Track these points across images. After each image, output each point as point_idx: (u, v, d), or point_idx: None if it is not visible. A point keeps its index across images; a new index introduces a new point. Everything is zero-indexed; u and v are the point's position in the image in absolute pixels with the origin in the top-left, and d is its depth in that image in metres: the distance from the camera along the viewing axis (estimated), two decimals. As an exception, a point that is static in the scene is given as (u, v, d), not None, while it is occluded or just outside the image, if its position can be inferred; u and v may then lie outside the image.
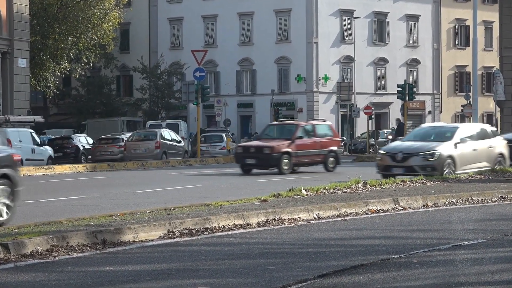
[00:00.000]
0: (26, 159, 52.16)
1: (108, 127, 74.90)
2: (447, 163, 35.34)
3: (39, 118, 68.03)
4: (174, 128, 72.28)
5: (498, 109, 70.80)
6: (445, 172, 34.75)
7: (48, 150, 58.02)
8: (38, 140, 59.46)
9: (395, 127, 76.17)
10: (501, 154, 38.60)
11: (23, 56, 63.08)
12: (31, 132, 58.98)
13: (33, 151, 55.14)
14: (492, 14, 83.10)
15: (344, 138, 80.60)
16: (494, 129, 41.10)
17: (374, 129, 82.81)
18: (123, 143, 63.45)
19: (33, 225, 18.99)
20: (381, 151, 37.77)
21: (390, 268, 14.56)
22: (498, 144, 38.80)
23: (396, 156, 35.45)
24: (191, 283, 13.22)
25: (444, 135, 38.29)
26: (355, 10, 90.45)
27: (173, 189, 32.73)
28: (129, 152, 62.25)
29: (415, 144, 37.00)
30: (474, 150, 37.41)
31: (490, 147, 37.82)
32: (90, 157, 61.29)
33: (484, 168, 36.01)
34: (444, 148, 36.01)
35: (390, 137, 75.18)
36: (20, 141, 56.00)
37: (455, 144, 36.63)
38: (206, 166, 58.55)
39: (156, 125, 72.61)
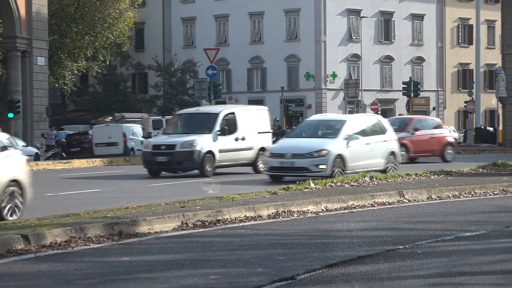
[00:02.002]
0: (138, 149, 58.50)
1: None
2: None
3: (146, 116, 74.56)
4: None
5: (500, 105, 70.65)
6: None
7: None
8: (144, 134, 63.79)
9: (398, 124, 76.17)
10: (393, 152, 34.60)
11: (42, 54, 63.12)
12: (141, 127, 65.25)
13: (142, 142, 57.22)
14: (494, 13, 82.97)
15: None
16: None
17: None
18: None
19: (52, 217, 19.04)
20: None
21: (396, 259, 14.58)
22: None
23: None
24: (204, 272, 13.24)
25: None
26: (362, 9, 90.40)
27: (184, 182, 32.77)
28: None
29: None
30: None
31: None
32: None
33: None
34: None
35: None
36: (133, 134, 62.22)
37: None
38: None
39: (157, 121, 72.43)
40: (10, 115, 59.38)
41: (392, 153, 33.64)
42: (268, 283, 12.20)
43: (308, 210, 22.03)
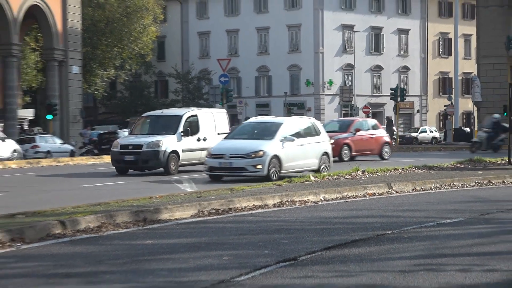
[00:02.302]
0: None
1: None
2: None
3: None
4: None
5: (475, 108, 70.57)
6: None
7: None
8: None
9: (385, 125, 76.16)
10: (326, 152, 32.07)
11: (76, 64, 63.18)
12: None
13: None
14: (470, 28, 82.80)
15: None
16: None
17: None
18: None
19: (86, 206, 19.09)
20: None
21: (385, 242, 14.58)
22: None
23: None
24: (217, 254, 13.27)
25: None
26: (355, 25, 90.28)
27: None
28: None
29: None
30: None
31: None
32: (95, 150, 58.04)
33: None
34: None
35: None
36: None
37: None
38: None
39: None
40: (49, 116, 59.50)
41: (325, 153, 31.64)
42: (274, 263, 12.22)
43: (309, 200, 22.04)
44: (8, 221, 16.25)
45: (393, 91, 68.30)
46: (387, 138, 44.24)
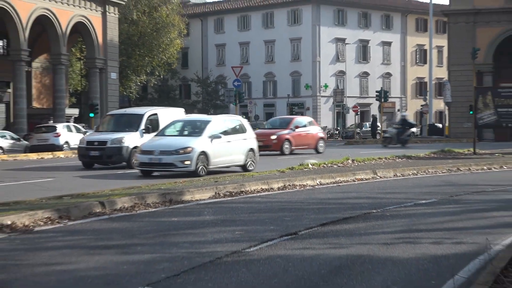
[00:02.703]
0: None
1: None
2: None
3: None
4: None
5: (446, 108, 70.41)
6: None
7: None
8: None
9: (371, 122, 76.07)
10: (252, 148, 28.57)
11: (114, 71, 63.21)
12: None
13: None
14: (443, 41, 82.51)
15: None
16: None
17: (359, 122, 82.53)
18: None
19: (121, 189, 19.15)
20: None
21: (371, 219, 14.58)
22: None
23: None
24: (231, 229, 13.28)
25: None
26: (346, 38, 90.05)
27: (316, 157, 32.93)
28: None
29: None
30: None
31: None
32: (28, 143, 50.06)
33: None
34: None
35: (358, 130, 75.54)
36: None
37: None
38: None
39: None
40: (91, 115, 59.42)
41: (251, 149, 28.15)
42: (278, 237, 12.25)
43: (307, 184, 22.02)
44: (56, 201, 16.30)
45: (377, 93, 68.05)
46: (321, 134, 42.58)
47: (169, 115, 32.23)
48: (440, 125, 75.82)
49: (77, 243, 12.11)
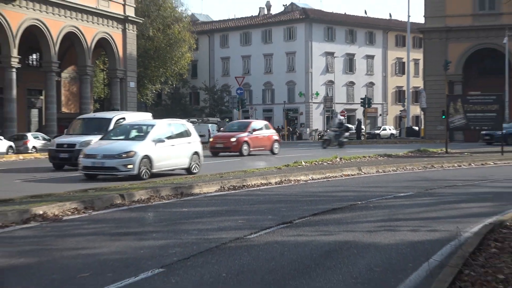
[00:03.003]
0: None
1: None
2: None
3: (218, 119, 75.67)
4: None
5: (422, 113, 70.41)
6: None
7: None
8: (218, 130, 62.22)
9: (356, 125, 75.96)
10: (197, 152, 25.65)
11: (132, 80, 63.21)
12: (217, 125, 67.45)
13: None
14: (419, 54, 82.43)
15: None
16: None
17: (346, 124, 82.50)
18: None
19: (139, 184, 19.16)
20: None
21: (356, 210, 14.57)
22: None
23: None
24: (234, 218, 13.30)
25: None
26: (334, 52, 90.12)
27: (220, 162, 32.74)
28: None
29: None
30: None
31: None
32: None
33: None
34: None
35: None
36: (212, 130, 62.70)
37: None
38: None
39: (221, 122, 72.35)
40: (343, 118, 59.85)
41: (196, 153, 25.28)
42: (275, 225, 12.24)
43: (301, 179, 22.00)
44: (82, 194, 16.32)
45: (362, 100, 68.15)
46: (276, 136, 40.12)
47: (136, 119, 30.16)
48: (417, 128, 75.86)
49: (100, 230, 12.13)
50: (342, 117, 50.82)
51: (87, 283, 8.04)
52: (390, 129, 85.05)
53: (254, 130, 38.27)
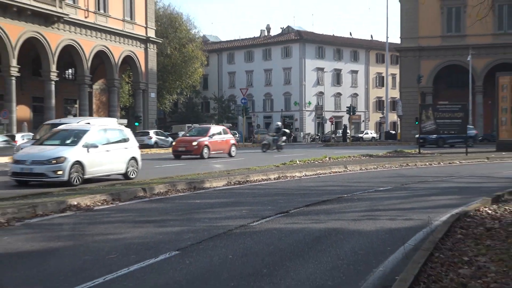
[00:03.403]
0: None
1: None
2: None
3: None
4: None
5: (398, 119, 70.34)
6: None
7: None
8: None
9: (342, 130, 75.92)
10: (134, 157, 21.99)
11: (153, 91, 63.24)
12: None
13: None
14: (396, 70, 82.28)
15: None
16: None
17: (334, 129, 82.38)
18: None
19: (158, 179, 19.14)
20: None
21: (342, 201, 14.55)
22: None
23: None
24: (239, 209, 13.29)
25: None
26: (324, 67, 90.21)
27: (229, 160, 32.76)
28: None
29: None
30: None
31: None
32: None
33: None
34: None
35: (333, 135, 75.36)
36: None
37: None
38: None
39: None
40: (136, 124, 59.48)
41: (133, 158, 21.76)
42: (274, 214, 12.23)
43: (296, 175, 22.00)
44: (110, 188, 16.34)
45: (348, 108, 67.97)
46: (233, 141, 37.46)
47: (102, 124, 25.79)
48: (394, 132, 75.79)
49: (125, 218, 12.11)
50: (279, 123, 47.24)
51: (114, 263, 8.03)
52: (371, 133, 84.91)
53: (214, 134, 35.74)
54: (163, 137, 55.94)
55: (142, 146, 47.25)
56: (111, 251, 8.80)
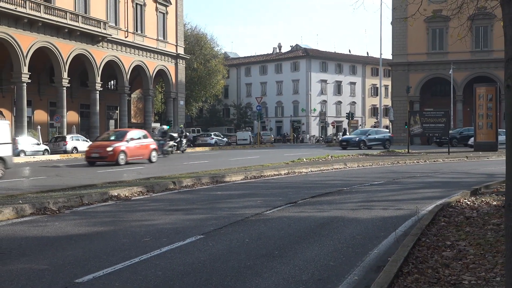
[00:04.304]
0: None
1: (218, 131, 74.65)
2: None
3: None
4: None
5: (391, 124, 69.93)
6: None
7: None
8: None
9: (342, 132, 75.68)
10: (154, 148, 28.26)
11: (182, 99, 63.31)
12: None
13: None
14: (388, 81, 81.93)
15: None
16: (386, 130, 28.61)
17: (335, 132, 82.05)
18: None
19: (186, 174, 19.13)
20: None
21: (343, 194, 14.47)
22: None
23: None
24: (254, 199, 13.25)
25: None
26: (327, 79, 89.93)
27: (245, 158, 32.73)
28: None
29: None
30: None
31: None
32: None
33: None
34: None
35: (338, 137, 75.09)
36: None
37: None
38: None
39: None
40: (168, 127, 59.59)
41: (1, 158, 19.39)
42: (284, 204, 12.19)
43: (303, 171, 21.93)
44: (145, 181, 16.33)
45: (347, 114, 67.86)
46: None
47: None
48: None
49: (158, 207, 12.12)
50: (165, 127, 40.73)
51: (148, 245, 8.04)
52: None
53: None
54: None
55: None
56: (145, 235, 8.81)
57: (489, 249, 7.57)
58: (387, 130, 51.66)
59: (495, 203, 12.07)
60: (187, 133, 43.21)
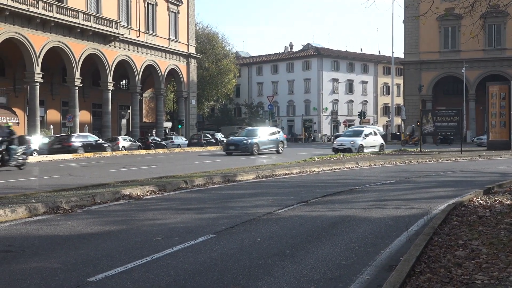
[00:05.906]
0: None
1: (230, 130, 74.82)
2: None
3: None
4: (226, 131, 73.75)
5: (403, 122, 69.73)
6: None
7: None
8: None
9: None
10: (282, 141, 36.74)
11: (193, 99, 63.51)
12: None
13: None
14: (400, 80, 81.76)
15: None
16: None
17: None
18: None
19: (198, 173, 19.16)
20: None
21: (354, 193, 14.43)
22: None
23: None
24: (266, 198, 13.24)
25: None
26: (339, 78, 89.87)
27: (257, 157, 32.73)
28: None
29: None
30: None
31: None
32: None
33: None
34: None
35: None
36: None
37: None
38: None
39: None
40: (179, 126, 59.75)
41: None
42: (296, 203, 12.17)
43: (314, 170, 21.91)
44: (157, 180, 16.36)
45: (359, 113, 67.80)
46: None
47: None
48: (399, 133, 75.13)
49: (169, 206, 12.14)
50: (10, 123, 26.55)
51: (160, 244, 8.06)
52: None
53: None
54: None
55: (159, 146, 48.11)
56: (157, 234, 8.83)
57: (502, 248, 7.52)
58: (382, 130, 51.28)
59: (508, 202, 12.00)
60: (28, 137, 30.92)
